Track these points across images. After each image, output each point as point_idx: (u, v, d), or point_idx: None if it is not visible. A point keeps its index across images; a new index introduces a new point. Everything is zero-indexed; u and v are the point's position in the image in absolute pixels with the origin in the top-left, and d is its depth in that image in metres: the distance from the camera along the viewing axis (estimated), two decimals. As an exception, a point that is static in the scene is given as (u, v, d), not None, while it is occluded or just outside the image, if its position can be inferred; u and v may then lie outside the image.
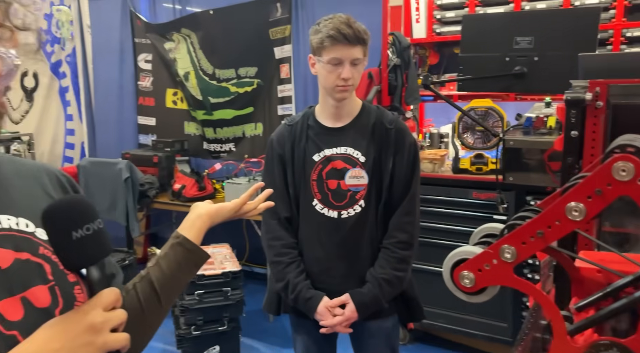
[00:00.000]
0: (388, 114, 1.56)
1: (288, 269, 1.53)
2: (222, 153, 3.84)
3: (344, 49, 1.41)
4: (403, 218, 1.51)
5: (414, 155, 1.54)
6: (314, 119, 1.56)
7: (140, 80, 4.01)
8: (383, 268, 1.50)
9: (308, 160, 1.53)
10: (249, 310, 3.19)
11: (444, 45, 2.99)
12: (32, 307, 0.60)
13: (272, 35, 3.46)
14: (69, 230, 0.57)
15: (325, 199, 1.52)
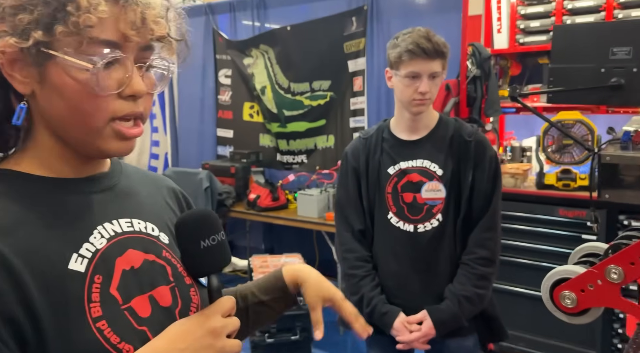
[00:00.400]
0: (467, 126, 1.53)
1: (362, 282, 1.52)
2: (294, 164, 3.92)
3: (422, 62, 1.40)
4: (484, 234, 1.47)
5: (495, 168, 1.49)
6: (389, 132, 1.56)
7: (220, 95, 4.20)
8: (463, 284, 1.46)
9: (383, 173, 1.53)
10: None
11: (527, 56, 2.88)
12: (157, 305, 0.65)
13: (347, 49, 3.51)
14: (198, 239, 0.62)
15: (400, 212, 1.51)
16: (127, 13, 0.58)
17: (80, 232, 0.62)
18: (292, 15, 3.69)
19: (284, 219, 3.45)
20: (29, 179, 0.62)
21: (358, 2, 3.38)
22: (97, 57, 0.58)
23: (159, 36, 0.62)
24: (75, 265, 0.60)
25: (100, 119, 0.60)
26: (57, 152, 0.63)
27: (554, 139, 2.54)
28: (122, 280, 0.62)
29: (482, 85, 2.72)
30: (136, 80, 0.61)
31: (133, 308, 0.62)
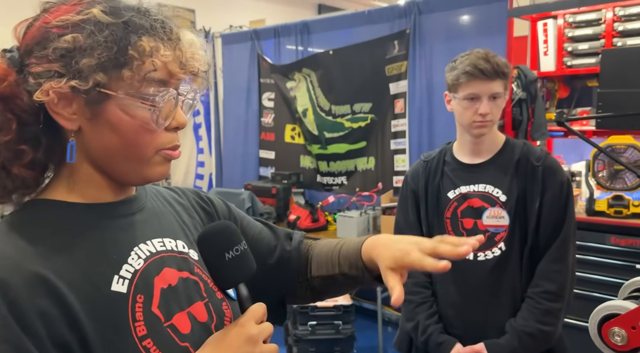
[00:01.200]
0: (536, 150, 1.46)
1: (419, 309, 1.49)
2: (334, 186, 3.93)
3: (481, 83, 1.37)
4: (552, 265, 1.38)
5: (566, 195, 1.40)
6: (451, 155, 1.52)
7: (263, 117, 4.30)
8: (525, 320, 1.38)
9: (442, 197, 1.49)
10: (359, 346, 3.16)
11: (575, 78, 2.81)
12: (196, 321, 0.66)
13: (389, 72, 3.53)
14: (222, 252, 0.64)
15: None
16: (177, 53, 0.62)
17: (118, 254, 0.64)
18: (335, 40, 3.76)
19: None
20: (64, 206, 0.64)
21: (400, 25, 3.41)
22: (159, 97, 0.61)
23: (197, 71, 0.66)
24: (117, 287, 0.61)
25: (151, 150, 0.64)
26: (96, 181, 0.66)
27: (604, 163, 2.45)
28: (162, 299, 0.64)
29: (528, 108, 2.66)
30: (180, 113, 0.65)
31: (175, 325, 0.64)
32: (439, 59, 3.20)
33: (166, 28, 0.63)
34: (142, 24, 0.61)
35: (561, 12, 2.74)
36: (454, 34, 3.19)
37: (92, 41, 0.58)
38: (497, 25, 2.85)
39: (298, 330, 2.68)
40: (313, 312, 2.69)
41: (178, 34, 0.64)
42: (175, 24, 0.65)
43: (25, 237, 0.59)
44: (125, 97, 0.60)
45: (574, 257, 1.43)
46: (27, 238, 0.59)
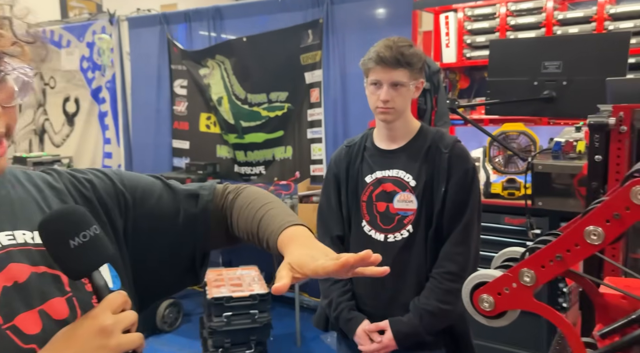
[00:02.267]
0: (447, 138, 1.51)
1: (333, 287, 1.54)
2: (252, 176, 3.89)
3: (383, 71, 1.42)
4: (454, 248, 1.45)
5: (471, 181, 1.47)
6: (371, 141, 1.57)
7: (175, 105, 4.14)
8: (427, 298, 1.45)
9: (361, 181, 1.53)
10: (277, 334, 3.18)
11: (474, 70, 2.99)
12: (50, 319, 0.61)
13: (303, 61, 3.54)
14: (66, 239, 0.58)
15: (373, 221, 1.51)
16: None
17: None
18: (249, 27, 3.69)
19: (241, 231, 3.40)
20: None
21: (314, 15, 3.42)
22: None
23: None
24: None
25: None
26: None
27: (499, 149, 2.64)
28: (2, 298, 0.59)
29: (432, 98, 2.80)
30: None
31: (17, 326, 0.58)
32: (352, 48, 3.26)
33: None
34: None
35: (461, 6, 2.89)
36: (365, 25, 3.26)
37: None
38: (404, 17, 2.96)
39: (213, 322, 2.64)
40: (228, 303, 2.66)
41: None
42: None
43: None
44: None
45: (478, 241, 1.50)
46: None
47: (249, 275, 3.06)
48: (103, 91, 4.31)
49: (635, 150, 0.94)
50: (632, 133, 0.93)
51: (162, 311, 3.42)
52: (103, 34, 4.19)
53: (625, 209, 0.62)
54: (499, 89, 1.62)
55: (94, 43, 4.22)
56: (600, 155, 0.94)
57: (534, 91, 1.49)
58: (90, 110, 4.39)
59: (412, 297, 1.48)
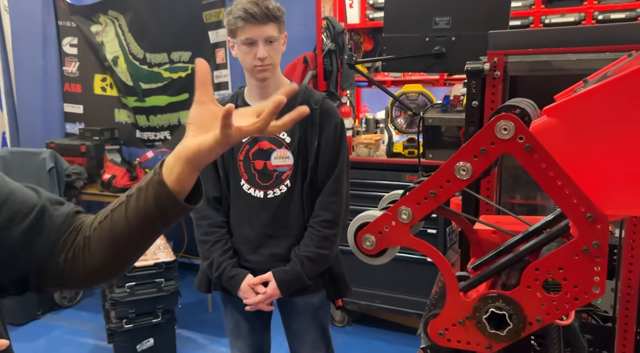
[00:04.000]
0: (315, 94, 1.56)
1: (214, 248, 1.54)
2: (156, 141, 3.70)
3: (255, 28, 1.40)
4: (328, 198, 1.52)
5: (340, 135, 1.54)
6: (243, 100, 1.55)
7: (65, 66, 3.78)
8: (307, 246, 1.52)
9: None
10: (187, 302, 3.12)
11: (377, 31, 3.02)
12: None
13: (206, 19, 3.36)
14: None
15: (252, 179, 1.53)
16: None
17: None
18: (144, -20, 3.42)
19: (145, 199, 3.25)
20: None
21: (215, -31, 3.25)
22: None
23: None
24: None
25: None
26: None
27: (401, 110, 2.73)
28: None
29: (337, 59, 2.80)
30: None
31: None
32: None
33: None
34: None
35: (364, -34, 2.89)
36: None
37: None
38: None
39: (115, 294, 2.52)
40: (131, 273, 2.54)
41: None
42: None
43: None
44: None
45: (348, 190, 1.59)
46: None
47: (154, 244, 2.94)
48: (-23, 49, 3.81)
49: (507, 95, 1.00)
50: (505, 79, 0.99)
51: (61, 287, 3.21)
52: (-28, -18, 3.66)
53: (490, 144, 0.64)
54: (394, 45, 1.65)
55: (-38, -7, 3.69)
56: (476, 101, 0.98)
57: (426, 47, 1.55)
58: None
59: (292, 248, 1.54)
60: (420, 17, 1.63)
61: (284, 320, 1.67)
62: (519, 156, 0.64)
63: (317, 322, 1.63)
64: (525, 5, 2.52)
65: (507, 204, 1.34)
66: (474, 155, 0.65)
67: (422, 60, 1.50)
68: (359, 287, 2.68)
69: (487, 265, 0.78)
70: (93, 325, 3.00)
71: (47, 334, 2.96)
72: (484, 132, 0.63)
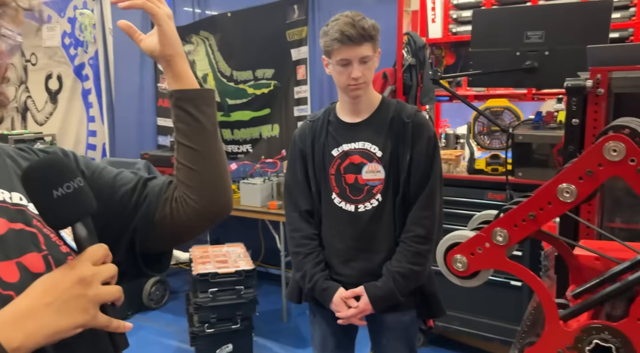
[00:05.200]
0: (408, 108, 1.56)
1: (306, 260, 1.57)
2: (239, 154, 3.87)
3: (350, 49, 1.43)
4: (421, 212, 1.51)
5: (433, 149, 1.52)
6: (335, 115, 1.59)
7: (159, 82, 4.08)
8: (399, 262, 1.51)
9: (327, 154, 1.56)
10: (264, 310, 3.21)
11: (460, 45, 2.97)
12: (27, 271, 0.62)
13: (289, 37, 3.49)
14: (49, 188, 0.57)
15: (343, 193, 1.55)
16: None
17: None
18: (233, 1, 3.63)
19: (227, 209, 3.40)
20: None
21: (299, -10, 3.37)
22: None
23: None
24: None
25: None
26: None
27: (484, 125, 2.64)
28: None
29: (418, 74, 2.78)
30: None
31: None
32: (338, 24, 3.22)
33: None
34: None
35: (448, -19, 2.86)
36: (351, 1, 3.22)
37: None
38: (391, -8, 2.91)
39: (198, 298, 2.65)
40: (214, 279, 2.66)
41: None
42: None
43: None
44: None
45: (441, 205, 1.56)
46: None
47: (234, 252, 3.06)
48: (86, 68, 4.23)
49: (611, 114, 0.94)
50: (609, 96, 0.93)
51: (149, 288, 3.43)
52: (85, 9, 4.09)
53: (598, 166, 0.61)
54: (481, 60, 1.61)
55: (76, 18, 4.12)
56: (577, 119, 0.94)
57: (517, 62, 1.49)
58: (73, 87, 4.31)
59: (382, 263, 1.53)
60: (511, 32, 1.58)
61: (373, 336, 1.65)
62: (631, 179, 0.60)
63: (406, 341, 1.60)
64: (624, 17, 2.36)
65: (607, 228, 1.25)
66: (579, 177, 0.62)
67: (511, 75, 1.45)
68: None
69: (590, 294, 0.73)
70: (177, 328, 3.17)
71: (136, 333, 3.17)
72: (591, 153, 0.61)
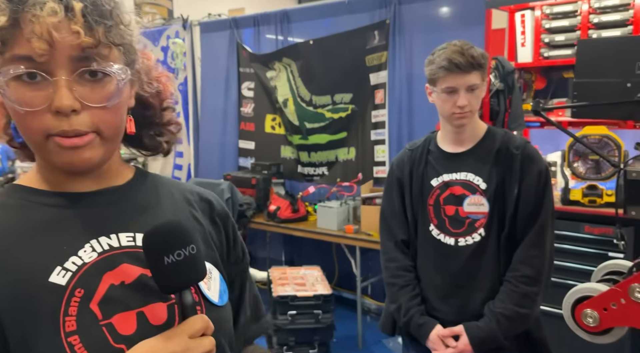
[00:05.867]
0: (516, 139, 1.50)
1: (402, 292, 1.52)
2: (315, 176, 3.93)
3: (458, 77, 1.40)
4: (529, 251, 1.42)
5: (544, 183, 1.44)
6: (435, 144, 1.55)
7: (242, 107, 4.26)
8: (503, 302, 1.42)
9: (426, 184, 1.52)
10: (338, 336, 3.18)
11: (551, 70, 2.85)
12: (146, 322, 0.61)
13: (369, 62, 3.52)
14: (161, 255, 0.58)
15: (441, 225, 1.50)
16: (32, 26, 0.55)
17: (69, 245, 0.61)
18: (315, 29, 3.73)
19: (304, 231, 3.45)
20: (28, 192, 0.64)
21: (381, 16, 3.40)
22: (1, 75, 0.57)
23: (83, 45, 0.57)
24: (56, 278, 0.59)
25: (39, 135, 0.59)
26: (51, 168, 0.63)
27: (579, 154, 2.50)
28: (106, 295, 0.60)
29: (506, 99, 2.69)
30: (59, 95, 0.56)
31: (113, 324, 0.59)
32: (419, 49, 3.21)
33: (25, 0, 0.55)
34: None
35: (539, 4, 2.77)
36: (433, 25, 3.20)
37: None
38: (476, 16, 2.87)
39: (278, 320, 2.68)
40: (293, 302, 2.69)
41: (37, 3, 0.55)
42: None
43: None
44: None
45: (552, 244, 1.46)
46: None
47: (312, 275, 3.08)
48: (175, 93, 4.51)
49: None
50: None
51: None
52: (177, 38, 4.38)
53: None
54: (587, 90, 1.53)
55: (168, 47, 4.43)
56: None
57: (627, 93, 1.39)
58: (163, 111, 4.60)
59: (484, 302, 1.45)
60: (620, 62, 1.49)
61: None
62: None
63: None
64: None
65: None
66: None
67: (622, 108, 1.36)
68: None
69: None
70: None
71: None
72: None
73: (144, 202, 0.69)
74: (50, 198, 0.64)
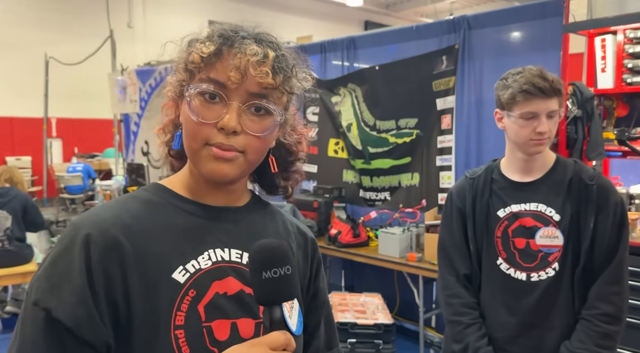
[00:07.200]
0: (588, 169, 1.43)
1: (468, 331, 1.45)
2: (377, 201, 3.88)
3: (540, 102, 1.35)
4: (609, 287, 1.34)
5: (620, 215, 1.37)
6: (499, 173, 1.49)
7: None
8: (583, 343, 1.33)
9: (492, 215, 1.46)
10: (398, 367, 3.08)
11: (635, 96, 2.67)
12: (237, 334, 0.69)
13: (435, 87, 3.48)
14: (261, 269, 0.64)
15: (511, 259, 1.43)
16: (233, 59, 0.68)
17: (193, 250, 0.70)
18: (381, 55, 3.75)
19: (365, 257, 3.40)
20: (170, 195, 0.74)
21: (449, 41, 3.36)
22: (192, 88, 0.69)
23: (264, 85, 0.68)
24: (177, 276, 0.68)
25: (199, 142, 0.69)
26: (195, 177, 0.74)
27: (669, 186, 2.30)
28: (212, 301, 0.68)
29: (584, 127, 2.55)
30: (229, 116, 0.68)
31: (212, 328, 0.67)
32: (489, 74, 3.14)
33: (233, 39, 0.69)
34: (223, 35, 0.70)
35: (621, 28, 2.62)
36: (505, 50, 3.12)
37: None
38: (551, 41, 2.76)
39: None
40: (353, 330, 2.65)
41: (243, 43, 0.69)
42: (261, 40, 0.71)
43: (129, 210, 0.70)
44: (185, 89, 0.71)
45: (627, 280, 1.38)
46: (129, 211, 0.70)
47: (372, 302, 3.02)
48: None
49: None
50: None
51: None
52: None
53: None
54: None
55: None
56: None
57: None
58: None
59: (558, 342, 1.36)
60: None
61: None
62: None
63: None
64: None
65: None
66: None
67: None
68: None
69: None
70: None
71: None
72: None
73: (254, 225, 0.78)
74: (189, 205, 0.74)
